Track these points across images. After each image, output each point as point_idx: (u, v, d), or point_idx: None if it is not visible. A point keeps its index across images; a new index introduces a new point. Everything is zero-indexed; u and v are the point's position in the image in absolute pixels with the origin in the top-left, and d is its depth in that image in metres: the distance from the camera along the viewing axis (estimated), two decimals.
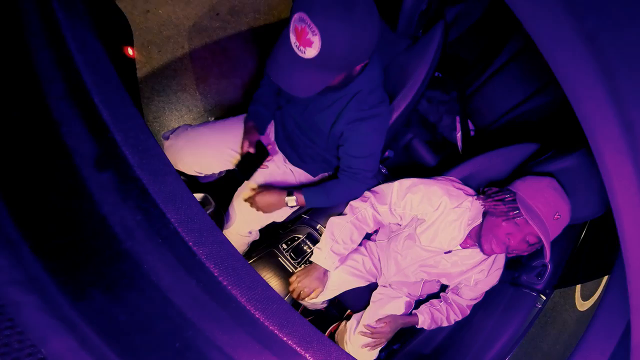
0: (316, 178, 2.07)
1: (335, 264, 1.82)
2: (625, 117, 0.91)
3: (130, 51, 1.76)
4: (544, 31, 0.96)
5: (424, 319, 1.91)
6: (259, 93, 1.94)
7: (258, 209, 1.91)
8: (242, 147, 1.88)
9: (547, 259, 1.61)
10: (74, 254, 1.00)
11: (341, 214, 1.96)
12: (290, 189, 1.81)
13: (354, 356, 1.38)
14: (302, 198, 1.78)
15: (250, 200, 1.92)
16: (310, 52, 1.20)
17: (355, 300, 2.24)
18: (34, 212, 1.00)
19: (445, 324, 1.94)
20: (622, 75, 0.87)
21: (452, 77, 2.46)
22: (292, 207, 1.86)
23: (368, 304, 2.13)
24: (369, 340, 1.94)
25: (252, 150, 1.82)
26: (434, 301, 1.97)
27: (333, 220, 1.85)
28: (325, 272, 1.88)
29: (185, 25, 2.46)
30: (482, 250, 1.65)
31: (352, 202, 1.84)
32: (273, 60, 1.37)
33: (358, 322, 2.08)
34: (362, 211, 1.80)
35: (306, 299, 1.92)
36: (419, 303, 2.10)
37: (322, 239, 1.86)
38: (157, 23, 2.40)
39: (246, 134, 1.90)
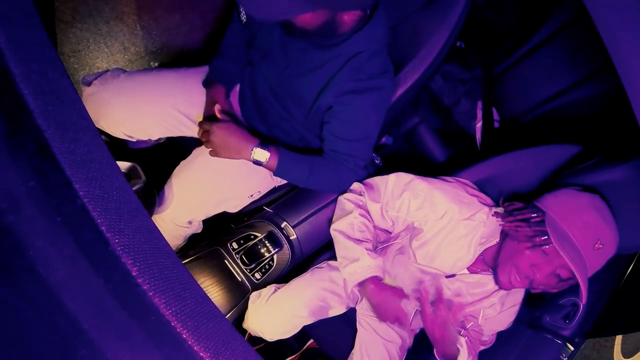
0: None
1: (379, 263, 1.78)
2: None
3: None
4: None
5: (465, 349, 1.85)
6: (226, 42, 1.94)
7: (210, 145, 1.83)
8: (204, 113, 1.88)
9: (582, 300, 1.54)
10: None
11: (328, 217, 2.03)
12: (266, 142, 1.73)
13: None
14: (275, 159, 1.71)
15: (206, 130, 1.82)
16: None
17: (330, 337, 2.23)
18: None
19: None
20: None
21: (477, 49, 2.47)
22: (256, 162, 1.76)
23: (349, 347, 2.13)
24: None
25: (222, 117, 1.80)
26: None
27: (339, 228, 1.82)
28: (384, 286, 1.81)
29: None
30: (498, 283, 1.64)
31: (344, 197, 1.85)
32: None
33: None
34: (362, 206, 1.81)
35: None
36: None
37: (346, 251, 1.81)
38: None
39: (216, 99, 1.87)
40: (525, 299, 1.91)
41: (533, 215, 1.62)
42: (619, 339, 2.12)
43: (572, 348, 2.02)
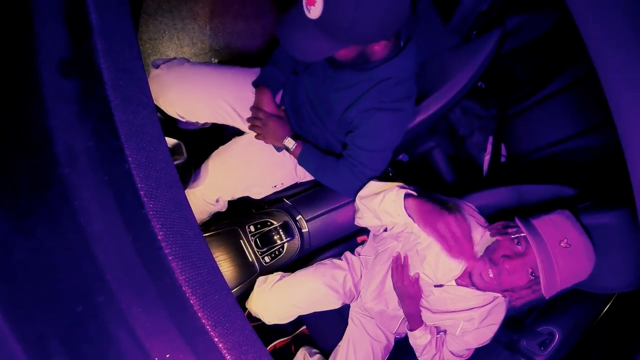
0: None
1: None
2: None
3: None
4: (610, 61, 1.05)
5: (424, 331, 1.92)
6: (278, 52, 1.98)
7: (259, 130, 1.95)
8: (252, 108, 1.97)
9: (544, 292, 1.55)
10: None
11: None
12: (296, 137, 1.85)
13: None
14: (299, 149, 1.83)
15: (260, 118, 1.94)
16: (315, 12, 1.29)
17: (321, 328, 2.26)
18: None
19: (421, 357, 1.94)
20: None
21: (496, 91, 2.52)
22: (284, 149, 1.89)
23: (337, 339, 2.14)
24: None
25: (272, 111, 1.93)
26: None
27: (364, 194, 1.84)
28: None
29: None
30: (472, 279, 1.66)
31: (372, 187, 1.86)
32: (285, 19, 1.47)
33: (315, 358, 2.15)
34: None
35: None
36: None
37: (376, 197, 1.78)
38: None
39: (261, 101, 1.96)
40: (506, 322, 1.88)
41: (512, 223, 1.65)
42: None
43: None
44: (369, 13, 1.34)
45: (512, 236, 1.60)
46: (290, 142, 1.83)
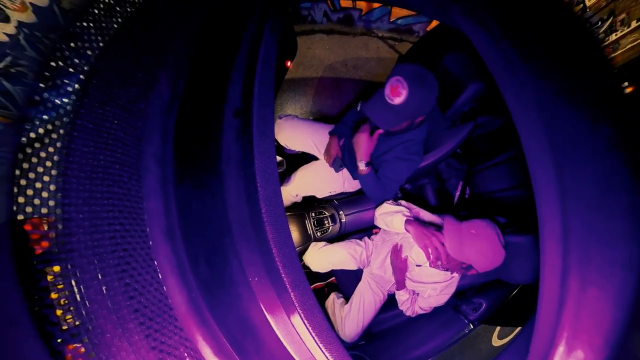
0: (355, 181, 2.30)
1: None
2: (566, 223, 1.17)
3: (288, 63, 2.11)
4: (531, 153, 1.25)
5: (406, 292, 2.09)
6: (345, 118, 2.24)
7: (329, 160, 2.15)
8: (325, 151, 2.21)
9: (450, 252, 1.73)
10: (193, 156, 1.38)
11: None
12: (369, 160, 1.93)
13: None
14: (363, 170, 1.94)
15: (330, 153, 2.14)
16: (397, 100, 1.58)
17: (344, 279, 2.49)
18: (185, 123, 1.36)
19: (402, 307, 2.14)
20: (572, 196, 1.14)
21: (467, 155, 2.70)
22: (358, 169, 1.98)
23: (353, 289, 2.34)
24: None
25: (335, 152, 2.14)
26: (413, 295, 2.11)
27: (382, 211, 2.02)
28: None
29: (325, 63, 2.89)
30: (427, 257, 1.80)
31: (386, 204, 2.04)
32: (370, 102, 1.72)
33: (338, 300, 2.37)
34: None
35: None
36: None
37: (388, 217, 1.97)
38: (310, 55, 2.85)
39: (331, 143, 2.21)
40: (455, 293, 2.10)
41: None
42: (498, 328, 2.15)
43: (472, 327, 2.32)
44: (422, 106, 1.65)
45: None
46: (362, 165, 1.94)
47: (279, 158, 2.29)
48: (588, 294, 1.25)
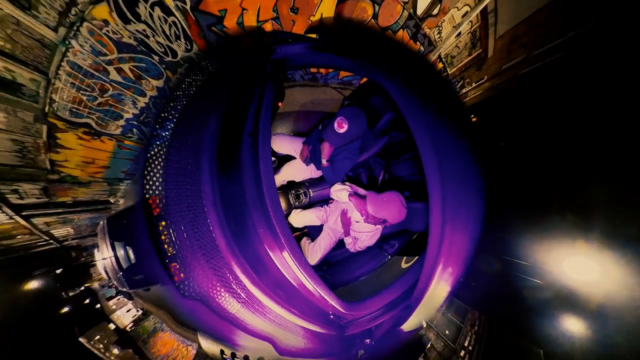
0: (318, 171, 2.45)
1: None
2: (444, 195, 1.35)
3: (280, 104, 2.31)
4: (423, 154, 1.46)
5: (350, 238, 2.28)
6: (312, 134, 2.40)
7: (302, 158, 2.31)
8: (300, 153, 2.41)
9: (370, 211, 1.87)
10: (226, 159, 1.55)
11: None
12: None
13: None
14: (325, 164, 2.14)
15: (305, 155, 2.27)
16: (341, 131, 1.89)
17: (312, 230, 2.69)
18: (222, 142, 1.55)
19: (348, 247, 2.34)
20: (447, 179, 1.37)
21: (386, 155, 2.87)
22: (321, 164, 2.15)
23: (316, 236, 2.49)
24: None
25: (306, 154, 2.32)
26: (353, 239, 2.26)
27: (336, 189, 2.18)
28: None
29: (300, 102, 3.16)
30: (366, 220, 2.00)
31: (336, 185, 2.22)
32: (327, 130, 1.97)
33: (308, 242, 2.51)
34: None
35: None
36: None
37: (340, 192, 2.13)
38: (292, 98, 3.13)
39: (304, 149, 2.40)
40: (379, 238, 2.29)
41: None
42: (405, 257, 2.33)
43: (389, 257, 2.55)
44: (356, 132, 1.89)
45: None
46: (324, 161, 2.15)
47: (273, 159, 2.48)
48: (455, 237, 1.51)
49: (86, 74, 2.29)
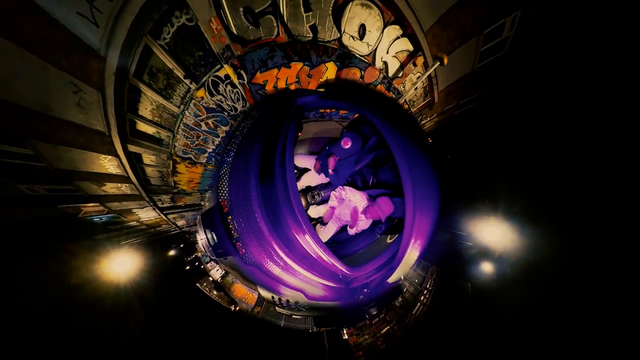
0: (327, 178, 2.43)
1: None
2: (414, 193, 1.34)
3: (299, 134, 2.36)
4: (400, 164, 1.50)
5: (354, 225, 2.21)
6: (323, 152, 2.36)
7: (315, 169, 2.28)
8: (314, 166, 2.41)
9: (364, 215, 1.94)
10: (265, 174, 1.55)
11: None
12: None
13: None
14: (331, 172, 2.12)
15: (315, 167, 2.27)
16: (347, 146, 1.96)
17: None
18: (262, 161, 1.58)
19: (349, 231, 2.28)
20: (417, 181, 1.37)
21: (374, 164, 2.76)
22: (329, 172, 2.14)
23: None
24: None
25: (318, 167, 2.31)
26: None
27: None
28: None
29: (313, 131, 3.09)
30: (364, 215, 2.08)
31: (337, 189, 2.24)
32: (335, 145, 1.97)
33: (321, 227, 2.46)
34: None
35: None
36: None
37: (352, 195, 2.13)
38: (307, 129, 3.11)
39: (316, 163, 2.39)
40: (372, 225, 2.31)
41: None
42: (389, 235, 2.24)
43: (378, 236, 2.47)
44: (355, 149, 1.84)
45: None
46: (330, 170, 2.14)
47: (295, 171, 2.43)
48: (422, 220, 1.55)
49: (191, 128, 2.92)
